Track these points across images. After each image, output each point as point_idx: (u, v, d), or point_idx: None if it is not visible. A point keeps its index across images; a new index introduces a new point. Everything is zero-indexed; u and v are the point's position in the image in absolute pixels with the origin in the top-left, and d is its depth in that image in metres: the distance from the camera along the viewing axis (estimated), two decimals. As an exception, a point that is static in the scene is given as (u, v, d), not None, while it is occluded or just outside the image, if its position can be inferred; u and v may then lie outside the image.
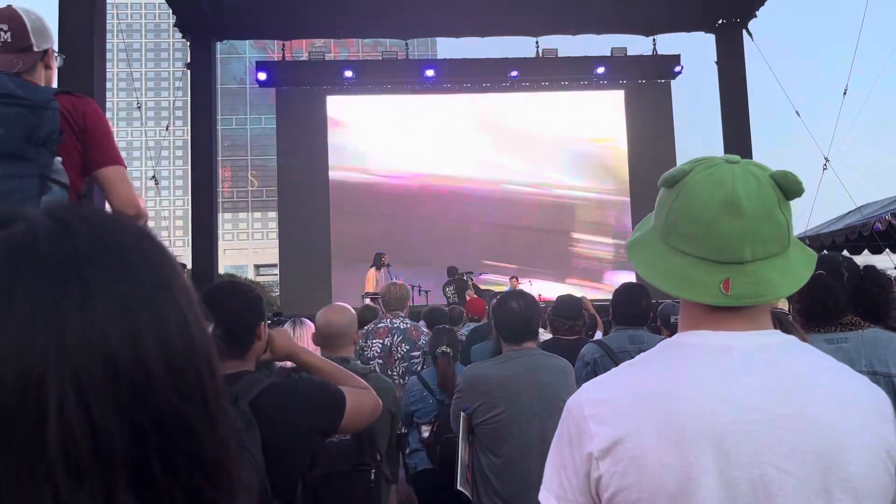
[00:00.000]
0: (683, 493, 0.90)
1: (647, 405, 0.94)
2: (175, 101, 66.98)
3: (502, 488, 2.63)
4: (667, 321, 4.31)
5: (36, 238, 0.45)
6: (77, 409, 0.42)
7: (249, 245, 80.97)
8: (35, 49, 2.11)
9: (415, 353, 4.35)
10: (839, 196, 10.08)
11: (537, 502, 1.03)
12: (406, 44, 13.68)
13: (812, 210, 10.27)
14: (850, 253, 8.76)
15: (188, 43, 11.62)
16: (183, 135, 78.82)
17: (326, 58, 15.42)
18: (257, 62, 15.18)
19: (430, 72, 14.25)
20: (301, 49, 34.12)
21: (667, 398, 0.94)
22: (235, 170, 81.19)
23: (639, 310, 3.42)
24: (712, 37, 12.24)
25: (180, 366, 0.47)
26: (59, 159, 2.02)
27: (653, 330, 3.93)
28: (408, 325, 4.48)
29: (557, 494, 0.99)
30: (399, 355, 4.36)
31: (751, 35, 11.84)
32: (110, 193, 2.17)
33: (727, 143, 11.81)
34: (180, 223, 79.03)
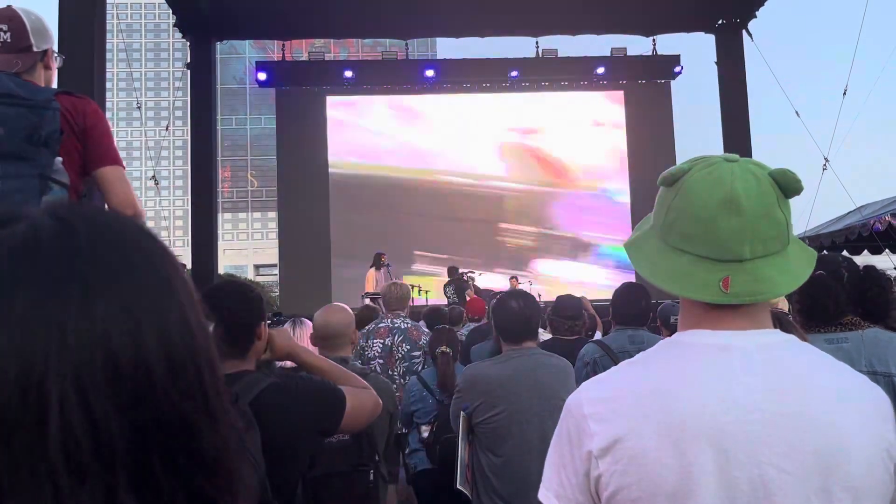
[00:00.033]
0: (683, 492, 0.90)
1: (647, 404, 0.94)
2: (175, 101, 66.97)
3: (502, 488, 2.63)
4: (667, 321, 4.31)
5: (37, 237, 0.45)
6: (78, 409, 0.42)
7: (249, 245, 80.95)
8: (34, 49, 2.11)
9: (415, 353, 4.35)
10: (839, 196, 10.09)
11: (537, 501, 1.02)
12: (406, 44, 13.68)
13: (812, 210, 10.29)
14: (850, 253, 8.76)
15: (188, 43, 11.62)
16: (183, 135, 78.79)
17: (326, 58, 15.44)
18: (257, 62, 15.16)
19: (430, 72, 14.23)
20: (301, 49, 34.11)
21: (666, 397, 0.94)
22: (235, 170, 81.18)
23: (639, 310, 3.42)
24: (712, 37, 12.24)
25: (181, 365, 0.47)
26: (60, 159, 2.02)
27: (652, 330, 3.93)
28: (408, 325, 4.48)
29: (557, 493, 0.99)
30: (400, 355, 4.36)
31: (750, 35, 11.84)
32: (109, 193, 2.17)
33: (727, 144, 11.81)
34: (180, 223, 78.99)
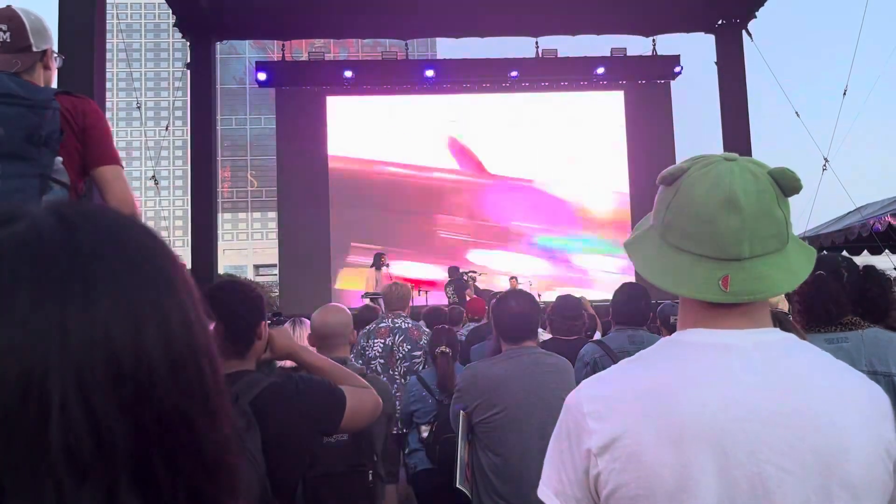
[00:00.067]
0: (682, 491, 0.90)
1: (646, 402, 0.94)
2: (175, 101, 67.04)
3: (502, 487, 2.63)
4: (666, 321, 4.31)
5: (39, 235, 0.45)
6: (79, 408, 0.42)
7: (249, 245, 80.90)
8: (34, 49, 2.12)
9: (416, 353, 4.36)
10: (839, 197, 10.09)
11: (537, 500, 1.03)
12: (406, 44, 13.66)
13: (811, 211, 10.28)
14: (850, 254, 8.75)
15: (188, 43, 11.61)
16: (183, 135, 78.76)
17: (326, 58, 15.39)
18: (257, 62, 15.14)
19: (430, 72, 14.21)
20: (301, 49, 34.15)
21: (665, 396, 0.94)
22: (235, 170, 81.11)
23: (638, 310, 3.42)
24: (712, 37, 12.23)
25: (183, 364, 0.47)
26: (60, 159, 2.03)
27: (652, 330, 3.93)
28: (409, 325, 4.49)
29: (556, 490, 1.00)
30: (401, 355, 4.36)
31: (750, 35, 11.84)
32: (107, 192, 2.17)
33: (727, 144, 11.80)
34: (180, 223, 78.94)
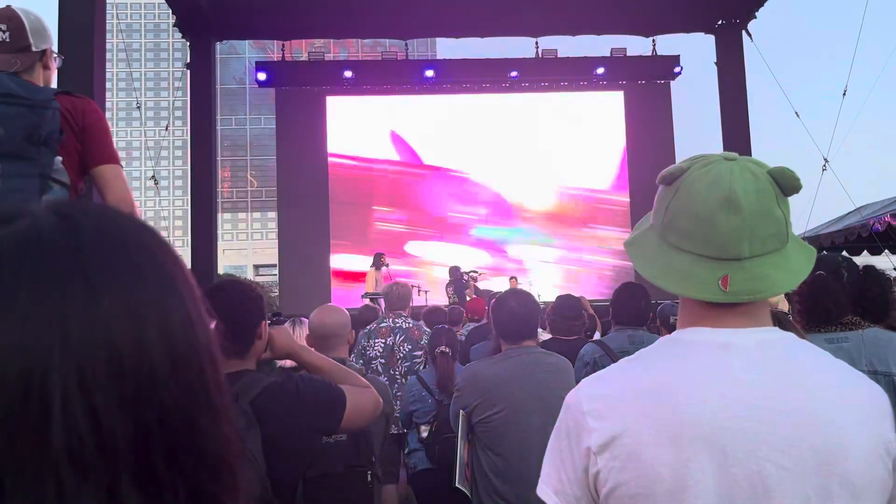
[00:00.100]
0: (681, 489, 0.90)
1: (646, 401, 0.94)
2: (175, 101, 66.99)
3: (502, 487, 2.63)
4: (666, 321, 4.32)
5: (40, 234, 0.45)
6: (81, 406, 0.42)
7: (249, 245, 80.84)
8: (33, 49, 2.12)
9: (417, 353, 4.36)
10: (838, 197, 10.09)
11: (536, 500, 1.03)
12: (406, 44, 13.65)
13: (811, 211, 10.28)
14: (849, 254, 8.76)
15: (188, 43, 11.60)
16: (182, 135, 78.71)
17: (326, 58, 15.37)
18: (257, 62, 15.13)
19: (430, 72, 14.21)
20: (301, 49, 34.14)
21: (665, 394, 0.94)
22: (235, 170, 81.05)
23: (638, 310, 3.42)
24: (712, 37, 12.23)
25: (184, 362, 0.47)
26: (60, 159, 2.03)
27: (652, 330, 3.93)
28: (410, 325, 4.49)
29: (555, 488, 1.00)
30: (401, 355, 4.37)
31: (750, 36, 11.84)
32: (106, 190, 2.17)
33: (727, 144, 11.79)
34: (180, 223, 78.89)
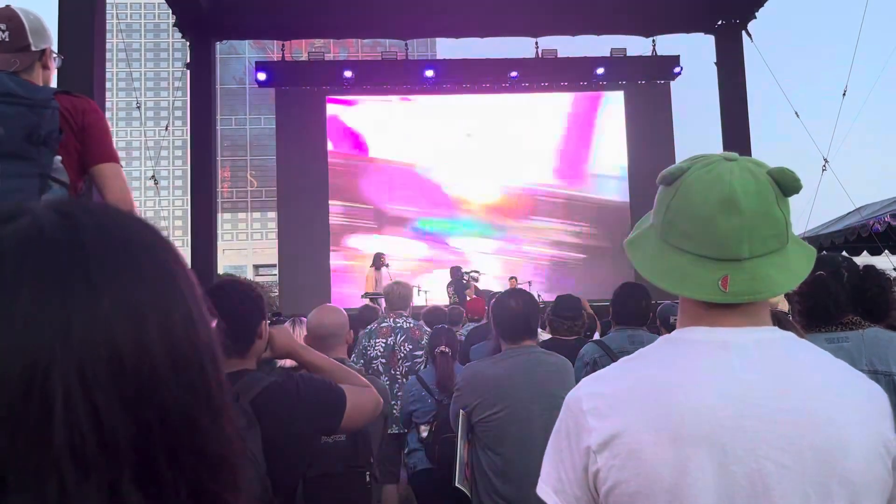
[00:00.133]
0: (680, 487, 0.90)
1: (645, 400, 0.94)
2: (175, 101, 66.94)
3: (502, 486, 2.63)
4: (666, 321, 4.32)
5: (41, 232, 0.45)
6: (82, 403, 0.42)
7: (248, 245, 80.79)
8: (33, 48, 2.12)
9: (417, 353, 4.35)
10: (838, 197, 10.09)
11: (536, 499, 1.03)
12: (406, 44, 13.65)
13: (811, 211, 10.28)
14: (849, 254, 8.76)
15: (188, 43, 11.60)
16: (182, 135, 78.69)
17: (326, 58, 15.36)
18: (257, 62, 15.12)
19: (430, 72, 14.20)
20: (301, 49, 34.13)
21: (664, 393, 0.94)
22: (235, 170, 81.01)
23: (639, 310, 3.42)
24: (712, 38, 12.23)
25: (185, 360, 0.47)
26: (59, 158, 2.03)
27: (652, 330, 3.93)
28: (411, 325, 4.49)
29: (555, 488, 1.00)
30: (402, 354, 4.36)
31: (750, 36, 11.83)
32: (105, 189, 2.17)
33: (726, 144, 11.79)
34: (179, 223, 78.89)
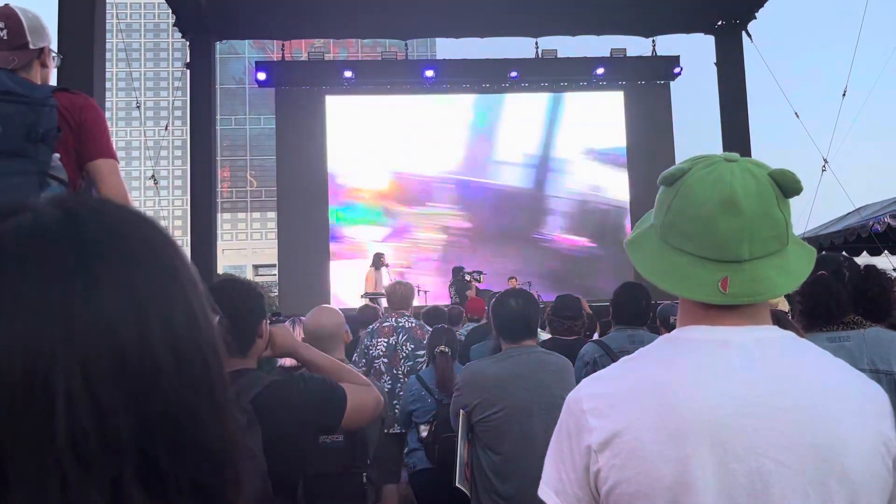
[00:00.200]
0: (681, 486, 0.90)
1: (645, 399, 0.95)
2: (174, 101, 66.92)
3: (502, 486, 2.63)
4: (666, 322, 4.32)
5: (43, 228, 0.45)
6: (84, 400, 0.42)
7: (248, 245, 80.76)
8: (31, 47, 2.12)
9: (419, 352, 4.35)
10: (838, 197, 10.08)
11: (537, 499, 1.03)
12: (406, 44, 13.65)
13: (811, 211, 10.28)
14: (849, 255, 8.75)
15: (187, 43, 11.60)
16: (182, 135, 78.68)
17: (326, 58, 15.35)
18: (256, 62, 15.12)
19: (430, 72, 14.19)
20: (300, 49, 34.09)
21: (665, 392, 0.94)
22: (234, 170, 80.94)
23: (639, 310, 3.42)
24: (712, 38, 12.24)
25: (187, 356, 0.47)
26: (58, 156, 2.02)
27: (652, 330, 3.93)
28: (413, 325, 4.48)
29: (556, 488, 1.00)
30: (404, 354, 4.36)
31: (750, 36, 11.84)
32: (101, 185, 2.17)
33: (726, 145, 11.79)
34: (179, 223, 78.86)
